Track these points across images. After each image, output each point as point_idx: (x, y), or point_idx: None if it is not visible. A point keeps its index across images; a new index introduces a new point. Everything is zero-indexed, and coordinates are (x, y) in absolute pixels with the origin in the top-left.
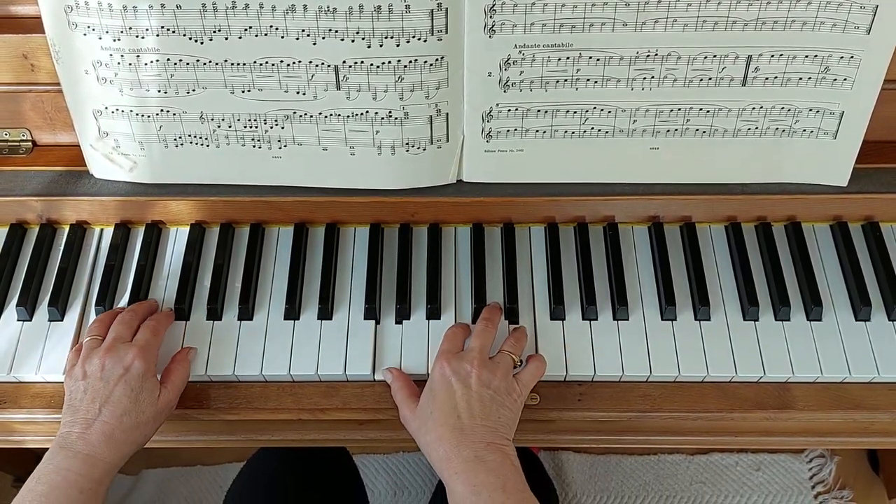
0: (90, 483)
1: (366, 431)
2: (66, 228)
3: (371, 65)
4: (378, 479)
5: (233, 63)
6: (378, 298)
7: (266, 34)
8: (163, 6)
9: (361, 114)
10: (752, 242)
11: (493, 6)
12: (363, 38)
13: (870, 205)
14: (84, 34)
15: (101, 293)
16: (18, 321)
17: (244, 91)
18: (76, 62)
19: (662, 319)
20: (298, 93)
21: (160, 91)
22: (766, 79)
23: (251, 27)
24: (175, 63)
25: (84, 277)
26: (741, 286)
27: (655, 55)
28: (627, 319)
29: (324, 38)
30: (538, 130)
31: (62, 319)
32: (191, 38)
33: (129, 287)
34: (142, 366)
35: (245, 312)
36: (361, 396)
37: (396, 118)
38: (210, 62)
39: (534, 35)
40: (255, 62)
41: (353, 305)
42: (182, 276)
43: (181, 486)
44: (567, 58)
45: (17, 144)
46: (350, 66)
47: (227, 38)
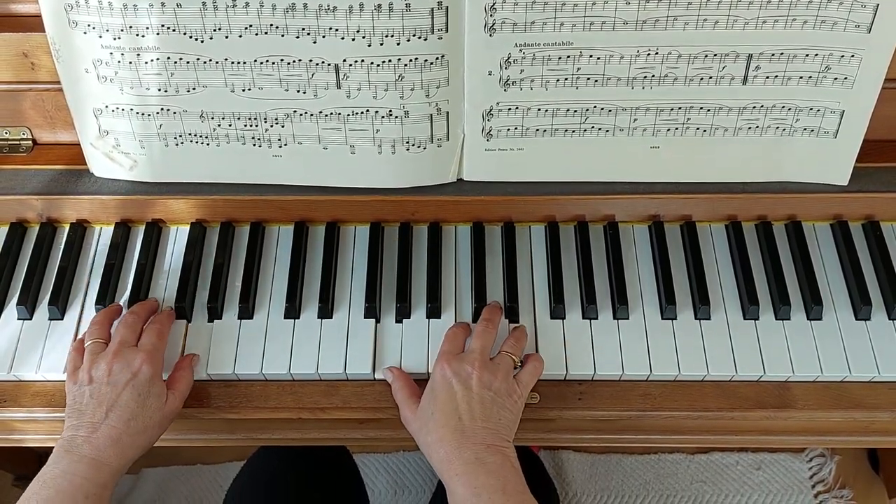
0: (96, 488)
1: (366, 430)
2: (67, 227)
3: (371, 63)
4: (378, 478)
5: (233, 62)
6: (378, 297)
7: (266, 33)
8: (163, 4)
9: (362, 112)
10: (753, 241)
11: (494, 5)
12: (363, 37)
13: (870, 204)
14: (84, 32)
15: (102, 292)
16: (18, 320)
17: (244, 90)
18: (76, 60)
19: (662, 318)
20: (299, 91)
21: (160, 89)
22: (767, 77)
23: (251, 26)
24: (175, 61)
25: (84, 276)
26: (741, 285)
27: (656, 54)
28: (627, 318)
29: (324, 37)
30: (538, 129)
31: (62, 318)
32: (191, 37)
33: (130, 286)
34: (150, 370)
35: (245, 311)
36: (361, 395)
37: (397, 117)
38: (210, 61)
39: (534, 34)
40: (256, 61)
41: (354, 304)
42: (182, 275)
43: (181, 485)
44: (567, 56)
45: (18, 143)
46: (350, 65)
47: (228, 37)
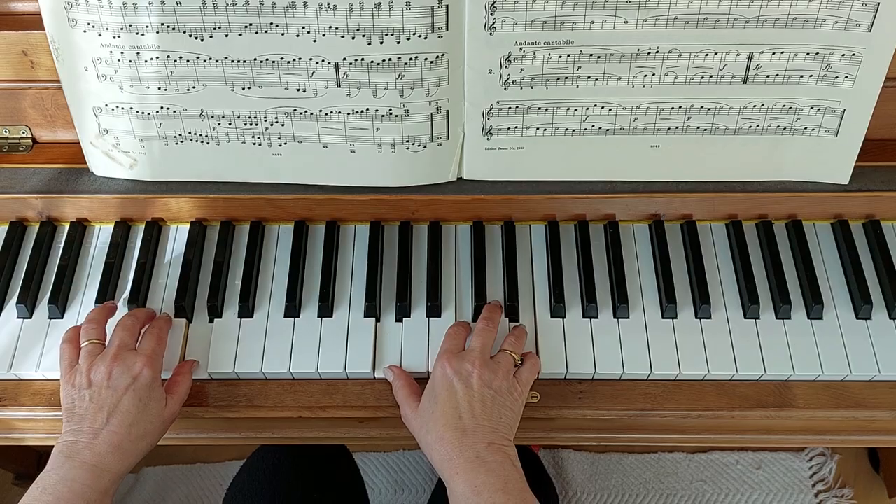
0: (96, 494)
1: (366, 429)
2: (67, 226)
3: (371, 62)
4: (378, 477)
5: (233, 60)
6: (378, 296)
7: (266, 31)
8: (163, 3)
9: (362, 111)
10: (753, 240)
11: (494, 3)
12: (363, 35)
13: (871, 203)
14: (84, 31)
15: (101, 291)
16: (18, 318)
17: (244, 88)
18: (76, 59)
19: (663, 317)
20: (299, 90)
21: (160, 88)
22: (768, 76)
23: (251, 24)
24: (175, 60)
25: (84, 275)
26: (742, 284)
27: (656, 52)
28: (628, 317)
29: (324, 36)
30: (539, 128)
31: (62, 317)
32: (191, 35)
33: (129, 285)
34: (150, 375)
35: (245, 310)
36: (362, 394)
37: (397, 115)
38: (210, 59)
39: (534, 32)
40: (256, 59)
41: (354, 303)
42: (182, 274)
43: (182, 484)
44: (568, 55)
45: (17, 142)
46: (350, 64)
47: (228, 35)
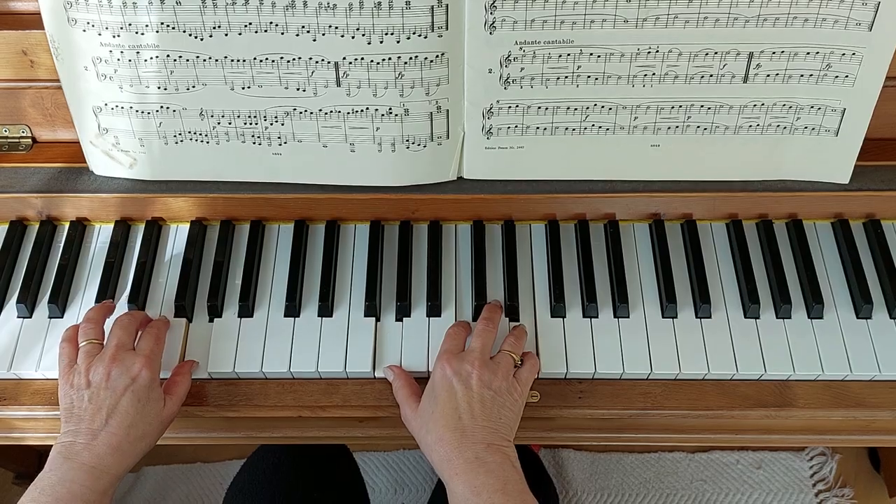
0: (95, 495)
1: (366, 429)
2: (67, 225)
3: (371, 61)
4: (378, 476)
5: (233, 59)
6: (378, 296)
7: (266, 30)
8: (162, 2)
9: (362, 110)
10: (754, 240)
11: (494, 3)
12: (363, 35)
13: (871, 202)
14: (83, 30)
15: (101, 290)
16: (18, 318)
17: (244, 87)
18: (76, 58)
19: (663, 317)
20: (298, 89)
21: (160, 87)
22: (768, 75)
23: (251, 23)
24: (175, 59)
25: (84, 274)
26: (742, 283)
27: (656, 52)
28: (628, 317)
29: (324, 35)
30: (539, 127)
31: (62, 316)
32: (190, 35)
33: (129, 284)
34: (148, 376)
35: (245, 310)
36: (362, 394)
37: (397, 115)
38: (210, 59)
39: (534, 31)
40: (255, 59)
41: (354, 303)
42: (182, 273)
43: (182, 484)
44: (568, 54)
45: (17, 141)
46: (350, 63)
47: (227, 35)
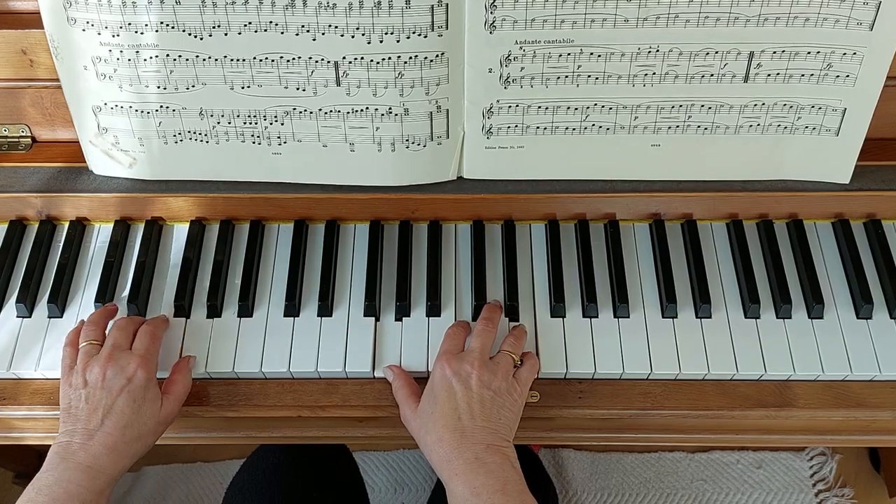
0: (92, 495)
1: (366, 428)
2: (66, 225)
3: (371, 61)
4: (378, 476)
5: (232, 59)
6: (378, 295)
7: (266, 30)
8: (162, 1)
9: (361, 110)
10: (754, 239)
11: (494, 2)
12: (363, 34)
13: (871, 202)
14: (83, 30)
15: (101, 290)
16: (18, 317)
17: (244, 87)
18: (75, 58)
19: (663, 317)
20: (298, 89)
21: (159, 87)
22: (769, 75)
23: (251, 23)
24: (174, 59)
25: (84, 274)
26: (742, 283)
27: (657, 51)
28: (628, 317)
29: (324, 34)
30: (539, 127)
31: (62, 316)
32: (190, 34)
33: (129, 284)
34: (144, 376)
35: (245, 309)
36: (361, 394)
37: (396, 114)
38: (209, 58)
39: (534, 31)
40: (255, 58)
41: (353, 302)
42: (182, 273)
43: (181, 483)
44: (568, 54)
45: (17, 140)
46: (350, 62)
47: (227, 34)
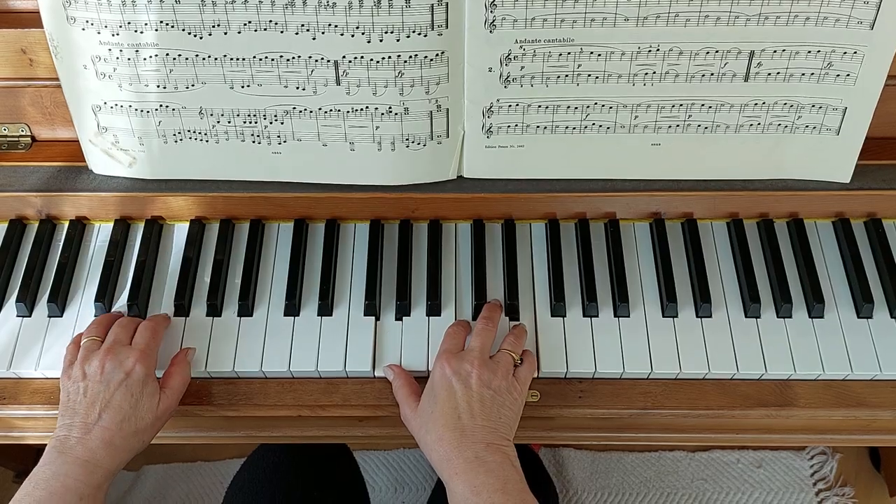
0: (89, 489)
1: (366, 428)
2: (66, 224)
3: (371, 60)
4: (379, 475)
5: (232, 58)
6: (378, 295)
7: (265, 29)
8: (161, 0)
9: (361, 109)
10: (754, 239)
11: (494, 1)
12: (363, 33)
13: (872, 201)
14: (82, 29)
15: (101, 289)
16: (18, 317)
17: (243, 86)
18: (75, 57)
19: (663, 316)
20: (298, 88)
21: (159, 86)
22: (769, 74)
23: (250, 22)
24: (174, 58)
25: (83, 273)
26: (743, 283)
27: (657, 50)
28: (628, 316)
29: (323, 33)
30: (539, 126)
31: (62, 315)
32: (190, 33)
33: (129, 283)
34: (143, 370)
35: (245, 308)
36: (361, 393)
37: (396, 114)
38: (209, 57)
39: (535, 30)
40: (255, 57)
41: (354, 302)
42: (182, 272)
43: (182, 482)
44: (568, 53)
45: (16, 140)
46: (350, 62)
47: (227, 33)
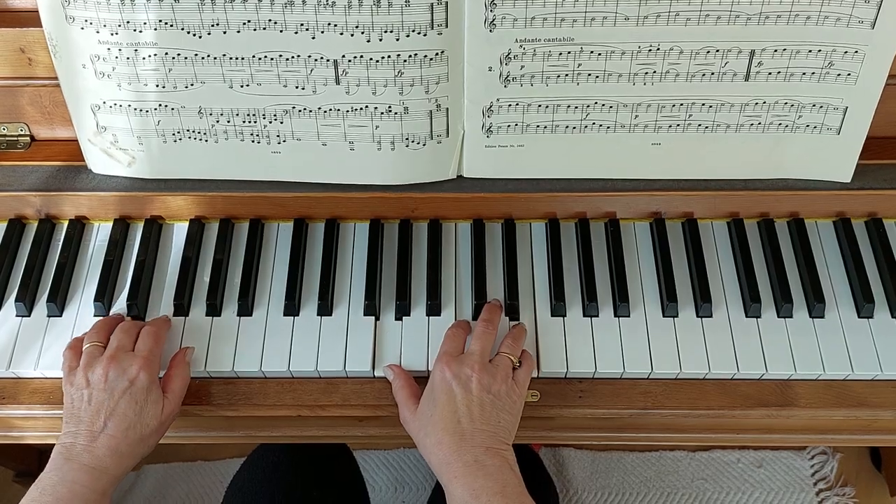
0: (95, 495)
1: (366, 428)
2: (65, 224)
3: (370, 59)
4: (379, 475)
5: (231, 57)
6: (378, 294)
7: (265, 28)
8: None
9: (361, 108)
10: (755, 238)
11: (494, 0)
12: (363, 33)
13: (873, 201)
14: (81, 28)
15: (100, 288)
16: (17, 316)
17: (243, 86)
18: (74, 56)
19: (664, 316)
20: (297, 87)
21: (158, 85)
22: (770, 73)
23: (250, 21)
24: (173, 57)
25: (83, 273)
26: (743, 282)
27: (657, 49)
28: (629, 316)
29: (323, 32)
30: (539, 125)
31: (61, 315)
32: (189, 32)
33: (128, 282)
34: (146, 378)
35: (244, 308)
36: (361, 393)
37: (396, 113)
38: (208, 56)
39: (535, 29)
40: (254, 56)
41: (353, 301)
42: (181, 272)
43: (182, 482)
44: (568, 52)
45: (16, 139)
46: (349, 61)
47: (226, 32)
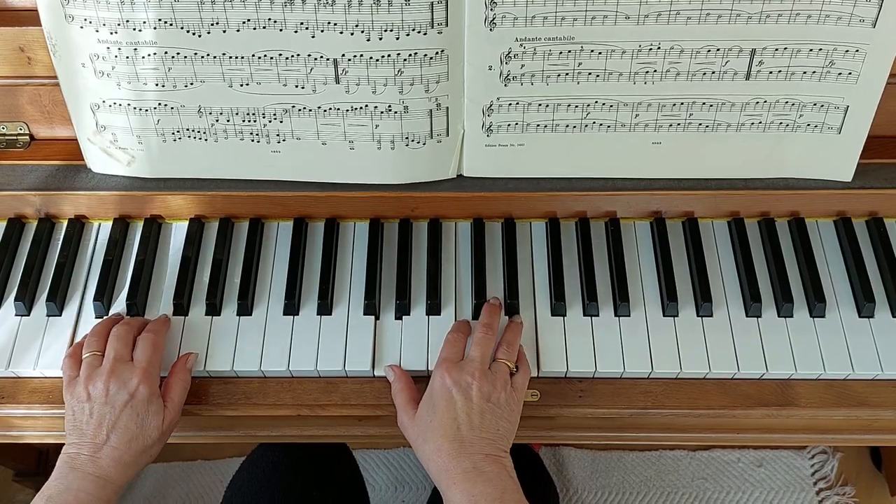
0: (100, 502)
1: (366, 427)
2: (65, 223)
3: (370, 58)
4: (378, 474)
5: (231, 56)
6: (378, 294)
7: (264, 27)
8: None
9: (361, 108)
10: (755, 238)
11: None
12: (362, 31)
13: (874, 200)
14: (81, 27)
15: (100, 288)
16: (16, 316)
17: (242, 85)
18: (73, 55)
19: (664, 316)
20: (297, 86)
21: (158, 84)
22: (770, 73)
23: (249, 20)
24: (173, 56)
25: (82, 272)
26: (744, 282)
27: (658, 48)
28: (629, 315)
29: (323, 31)
30: (539, 124)
31: (60, 314)
32: (188, 31)
33: (128, 282)
34: (146, 390)
35: (244, 308)
36: (361, 392)
37: (396, 112)
38: (208, 55)
39: (535, 28)
40: (254, 55)
41: (353, 301)
42: (181, 271)
43: (182, 481)
44: (568, 51)
45: (15, 138)
46: (349, 60)
47: (226, 31)
